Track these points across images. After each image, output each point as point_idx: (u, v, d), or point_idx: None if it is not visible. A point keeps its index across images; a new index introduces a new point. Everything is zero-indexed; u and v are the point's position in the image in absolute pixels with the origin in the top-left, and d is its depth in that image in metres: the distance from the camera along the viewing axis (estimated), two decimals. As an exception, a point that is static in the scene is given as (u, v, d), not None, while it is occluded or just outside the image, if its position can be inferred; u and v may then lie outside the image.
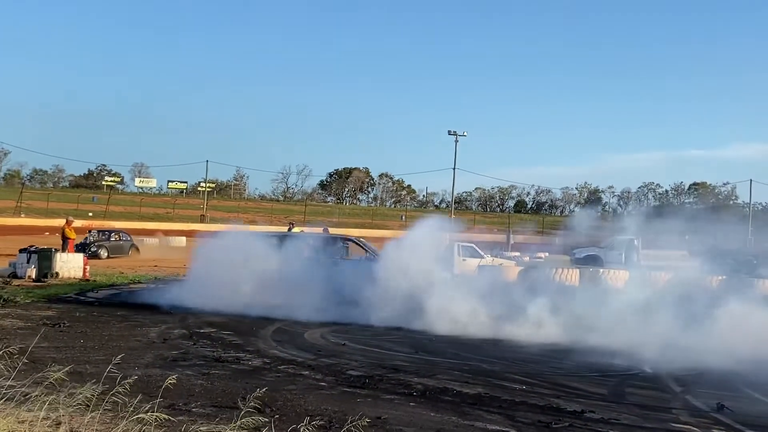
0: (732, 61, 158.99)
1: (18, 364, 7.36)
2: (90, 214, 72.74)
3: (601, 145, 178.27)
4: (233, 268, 17.02)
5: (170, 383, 6.68)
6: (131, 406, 6.12)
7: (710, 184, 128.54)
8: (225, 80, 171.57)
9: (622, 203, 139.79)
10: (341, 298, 16.34)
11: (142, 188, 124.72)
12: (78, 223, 37.36)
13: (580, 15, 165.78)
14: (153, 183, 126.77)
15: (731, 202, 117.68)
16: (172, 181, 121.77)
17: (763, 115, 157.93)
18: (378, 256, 18.27)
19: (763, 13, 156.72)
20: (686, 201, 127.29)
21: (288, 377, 9.85)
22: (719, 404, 8.91)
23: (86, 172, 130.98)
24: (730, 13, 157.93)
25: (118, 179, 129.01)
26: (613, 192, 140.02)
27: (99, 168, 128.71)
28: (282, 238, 19.87)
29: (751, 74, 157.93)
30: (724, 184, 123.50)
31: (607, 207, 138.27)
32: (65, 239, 27.28)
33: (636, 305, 15.26)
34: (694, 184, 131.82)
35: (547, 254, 37.68)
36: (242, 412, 6.03)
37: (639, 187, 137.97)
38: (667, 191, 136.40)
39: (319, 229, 30.99)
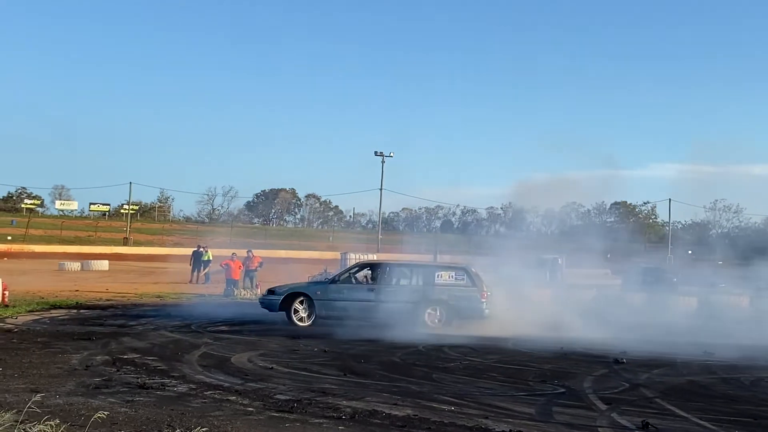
0: (646, 81, 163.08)
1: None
2: (9, 237, 70.79)
3: (525, 164, 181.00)
4: None
5: (99, 417, 6.53)
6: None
7: (631, 204, 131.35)
8: (149, 100, 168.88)
9: (546, 222, 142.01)
10: None
11: (63, 211, 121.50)
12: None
13: (512, 32, 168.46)
14: (74, 206, 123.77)
15: (651, 221, 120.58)
16: (94, 204, 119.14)
17: (679, 134, 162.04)
18: None
19: (670, 28, 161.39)
20: (608, 220, 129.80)
21: (214, 403, 9.69)
22: (644, 422, 9.09)
23: (5, 195, 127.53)
24: (639, 33, 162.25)
25: (38, 202, 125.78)
26: (536, 212, 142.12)
27: (18, 190, 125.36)
28: None
29: (666, 93, 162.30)
30: (644, 203, 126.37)
31: (531, 226, 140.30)
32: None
33: None
34: (615, 203, 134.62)
35: None
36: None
37: (562, 207, 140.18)
38: (589, 210, 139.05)
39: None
